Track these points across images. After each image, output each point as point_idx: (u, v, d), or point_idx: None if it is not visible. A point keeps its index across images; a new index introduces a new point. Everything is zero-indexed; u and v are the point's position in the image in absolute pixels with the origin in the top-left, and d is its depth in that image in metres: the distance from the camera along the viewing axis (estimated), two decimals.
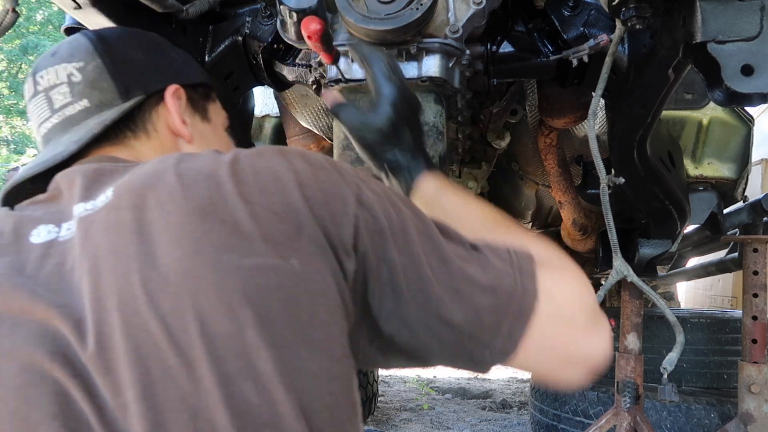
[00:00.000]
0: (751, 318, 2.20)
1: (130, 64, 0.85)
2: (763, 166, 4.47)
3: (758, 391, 2.16)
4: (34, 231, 0.64)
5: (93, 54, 0.83)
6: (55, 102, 0.82)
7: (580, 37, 1.29)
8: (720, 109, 2.12)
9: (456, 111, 1.28)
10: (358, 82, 1.14)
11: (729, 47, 0.93)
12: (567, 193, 2.04)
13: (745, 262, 2.25)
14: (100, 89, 0.81)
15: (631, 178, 1.43)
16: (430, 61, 1.11)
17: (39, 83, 0.83)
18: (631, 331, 2.13)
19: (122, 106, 0.81)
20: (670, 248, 2.00)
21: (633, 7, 1.02)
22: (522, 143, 2.12)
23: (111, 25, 1.11)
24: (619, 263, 1.36)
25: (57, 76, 0.82)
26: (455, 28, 1.09)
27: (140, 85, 0.84)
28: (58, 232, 0.63)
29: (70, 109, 0.81)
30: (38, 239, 0.63)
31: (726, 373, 2.66)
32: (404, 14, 1.04)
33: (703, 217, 2.18)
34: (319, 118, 1.95)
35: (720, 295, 5.03)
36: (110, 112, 0.80)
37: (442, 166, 1.16)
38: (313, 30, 0.94)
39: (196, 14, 1.26)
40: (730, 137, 2.17)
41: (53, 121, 0.82)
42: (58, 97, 0.81)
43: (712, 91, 0.98)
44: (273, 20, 1.38)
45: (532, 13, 1.37)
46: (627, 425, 2.06)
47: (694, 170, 2.18)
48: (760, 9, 0.93)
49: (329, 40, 1.00)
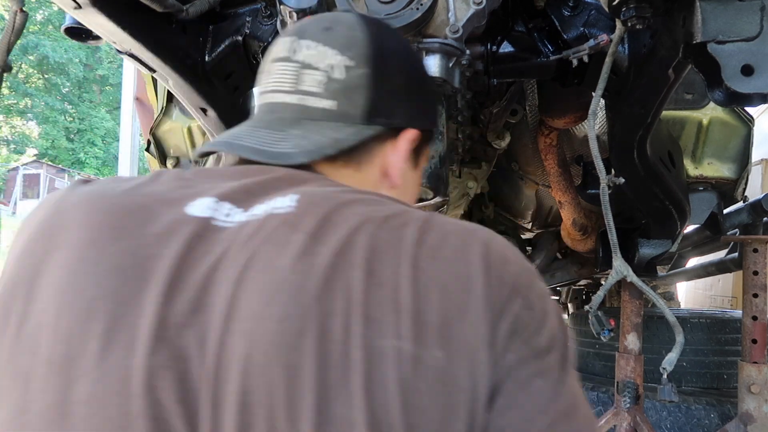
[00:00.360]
0: (751, 318, 2.20)
1: (391, 89, 0.77)
2: (763, 166, 4.47)
3: (758, 391, 2.15)
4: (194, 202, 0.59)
5: (366, 60, 0.74)
6: (303, 83, 0.74)
7: (580, 37, 1.29)
8: (720, 109, 2.12)
9: (456, 111, 1.28)
10: None
11: (729, 47, 0.93)
12: (567, 193, 2.04)
13: (745, 262, 2.25)
14: (352, 100, 0.73)
15: (631, 178, 1.43)
16: (430, 61, 1.11)
17: (298, 51, 0.74)
18: (631, 331, 2.13)
19: (361, 131, 0.73)
20: (670, 248, 2.00)
21: (633, 7, 1.02)
22: (522, 143, 2.12)
23: (111, 25, 1.11)
24: (619, 263, 1.36)
25: (321, 58, 0.73)
26: (455, 28, 1.09)
27: (386, 115, 0.76)
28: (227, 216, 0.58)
29: (314, 101, 0.73)
30: (194, 211, 0.58)
31: (726, 373, 2.66)
32: (404, 14, 1.04)
33: (703, 217, 2.18)
34: None
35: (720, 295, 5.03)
36: (348, 131, 0.72)
37: (442, 166, 1.16)
38: None
39: (196, 14, 1.26)
40: (730, 137, 2.17)
41: (289, 99, 0.74)
42: (310, 81, 0.73)
43: (712, 92, 0.98)
44: (273, 20, 1.38)
45: (532, 13, 1.37)
46: (627, 425, 2.06)
47: (694, 170, 2.18)
48: (760, 9, 0.93)
49: None
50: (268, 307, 0.51)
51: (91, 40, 1.29)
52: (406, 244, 0.54)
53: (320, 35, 0.74)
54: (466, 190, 2.17)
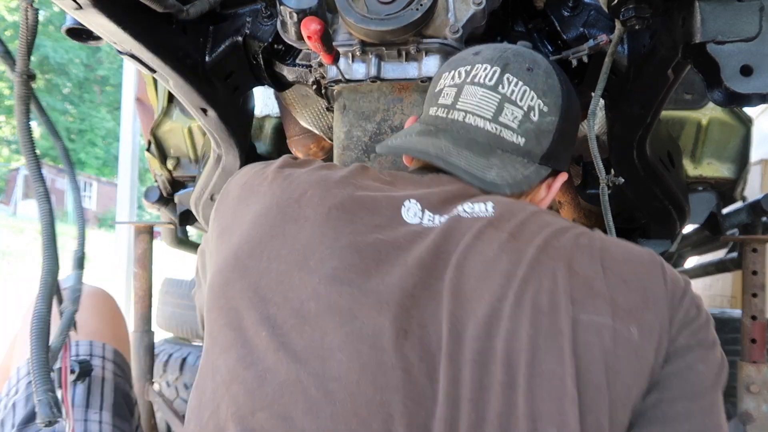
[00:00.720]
0: (751, 318, 2.20)
1: (566, 137, 0.88)
2: (762, 166, 4.46)
3: (757, 390, 2.15)
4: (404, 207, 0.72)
5: (558, 109, 0.84)
6: (503, 115, 0.82)
7: (579, 38, 1.29)
8: (719, 109, 2.12)
9: None
10: (357, 82, 1.14)
11: (728, 48, 0.93)
12: (567, 193, 2.04)
13: (744, 262, 2.25)
14: (539, 141, 0.83)
15: (630, 178, 1.44)
16: (431, 61, 1.11)
17: (504, 84, 0.83)
18: None
19: (540, 171, 0.84)
20: (670, 248, 2.00)
21: (632, 7, 1.02)
22: None
23: (111, 25, 1.11)
24: None
25: (523, 97, 0.82)
26: (455, 29, 1.09)
27: (556, 159, 0.87)
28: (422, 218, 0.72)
29: (508, 134, 0.82)
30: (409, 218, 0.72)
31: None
32: (404, 14, 1.04)
33: (702, 217, 2.18)
34: (320, 118, 1.95)
35: (719, 295, 5.03)
36: (531, 169, 0.83)
37: None
38: (313, 30, 0.95)
39: (196, 14, 1.26)
40: (730, 137, 2.17)
41: (487, 126, 0.82)
42: (509, 115, 0.82)
43: (712, 92, 0.98)
44: (273, 20, 1.38)
45: (532, 13, 1.37)
46: None
47: (694, 170, 2.18)
48: (760, 9, 0.93)
49: (329, 40, 1.01)
50: (485, 286, 0.64)
51: (91, 41, 1.29)
52: (595, 249, 0.69)
53: (524, 75, 0.84)
54: None
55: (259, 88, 1.77)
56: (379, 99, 1.17)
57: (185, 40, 1.34)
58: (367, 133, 1.17)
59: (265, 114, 2.41)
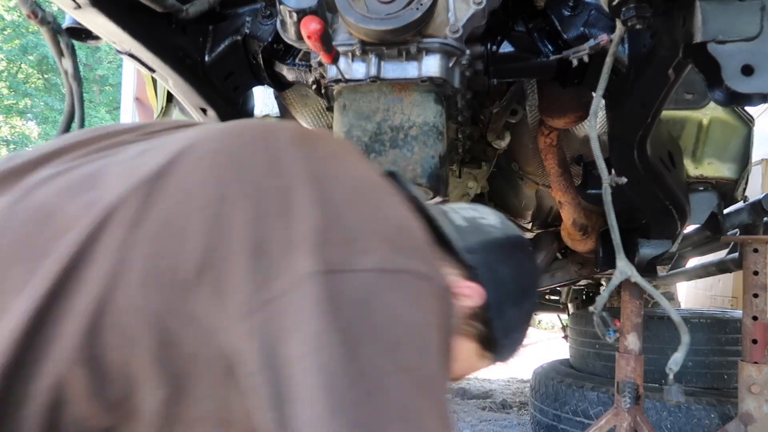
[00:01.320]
0: (752, 318, 2.19)
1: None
2: (763, 166, 4.46)
3: (758, 391, 2.15)
4: None
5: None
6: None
7: (580, 37, 1.28)
8: (720, 109, 2.11)
9: (456, 111, 1.28)
10: (357, 82, 1.14)
11: (729, 47, 0.93)
12: (567, 193, 2.04)
13: (745, 262, 2.25)
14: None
15: (631, 178, 1.43)
16: (430, 61, 1.11)
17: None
18: (631, 331, 2.13)
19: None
20: (671, 248, 2.00)
21: (633, 7, 1.02)
22: (522, 143, 2.11)
23: (111, 25, 1.11)
24: (623, 264, 1.35)
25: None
26: (455, 28, 1.09)
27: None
28: None
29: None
30: None
31: (726, 374, 2.66)
32: (404, 14, 1.04)
33: (703, 217, 2.18)
34: (320, 118, 1.95)
35: (720, 296, 5.03)
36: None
37: (441, 167, 1.16)
38: (312, 30, 0.94)
39: (196, 14, 1.26)
40: (731, 137, 2.17)
41: None
42: None
43: (713, 91, 0.97)
44: (273, 20, 1.38)
45: (532, 13, 1.37)
46: (627, 425, 2.06)
47: (694, 170, 2.18)
48: (760, 9, 0.93)
49: (329, 40, 1.00)
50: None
51: (90, 40, 1.29)
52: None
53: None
54: (466, 190, 2.17)
55: (259, 88, 1.77)
56: (379, 99, 1.17)
57: (185, 39, 1.34)
58: (366, 132, 1.17)
59: (265, 114, 2.40)
